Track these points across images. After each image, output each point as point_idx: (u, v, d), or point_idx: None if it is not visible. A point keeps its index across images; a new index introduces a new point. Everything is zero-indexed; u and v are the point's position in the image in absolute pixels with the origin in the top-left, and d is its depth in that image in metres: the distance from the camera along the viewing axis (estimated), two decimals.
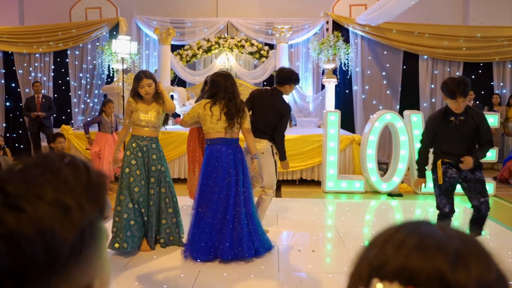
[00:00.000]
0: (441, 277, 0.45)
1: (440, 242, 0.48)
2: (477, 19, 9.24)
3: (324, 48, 8.47)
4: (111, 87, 8.34)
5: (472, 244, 0.49)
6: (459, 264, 0.46)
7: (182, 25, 9.49)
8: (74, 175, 0.52)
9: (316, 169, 6.94)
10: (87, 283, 0.54)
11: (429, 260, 0.47)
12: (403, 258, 0.48)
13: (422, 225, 0.52)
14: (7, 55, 9.46)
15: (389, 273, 0.47)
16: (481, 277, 0.46)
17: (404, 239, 0.50)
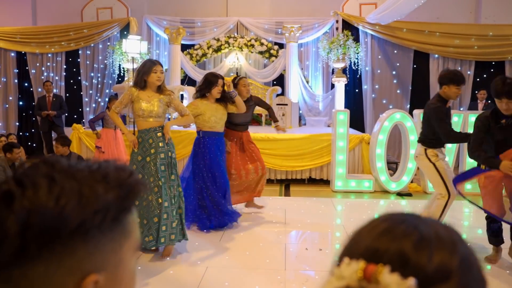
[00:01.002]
0: (403, 257, 0.48)
1: (409, 228, 0.51)
2: (490, 17, 9.14)
3: (333, 47, 8.45)
4: (121, 86, 8.41)
5: (442, 232, 0.52)
6: (422, 248, 0.49)
7: (192, 24, 9.53)
8: (116, 173, 0.59)
9: (325, 168, 6.93)
10: (92, 268, 0.56)
11: (394, 241, 0.50)
12: (371, 240, 0.51)
13: (400, 214, 0.55)
14: (21, 55, 9.60)
15: (358, 252, 0.51)
16: (443, 261, 0.49)
17: (377, 224, 0.53)
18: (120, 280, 0.60)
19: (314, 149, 6.89)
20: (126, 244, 0.60)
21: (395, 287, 0.46)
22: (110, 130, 6.62)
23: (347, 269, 0.50)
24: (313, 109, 9.24)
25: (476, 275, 0.52)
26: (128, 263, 0.61)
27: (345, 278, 0.49)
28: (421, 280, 0.47)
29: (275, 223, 4.88)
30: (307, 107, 9.23)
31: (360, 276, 0.48)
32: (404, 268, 0.48)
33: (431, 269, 0.48)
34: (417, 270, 0.48)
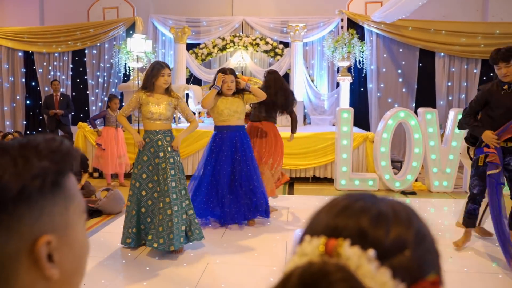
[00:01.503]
0: (362, 232, 0.50)
1: (366, 205, 0.53)
2: (497, 15, 9.06)
3: (338, 46, 8.44)
4: (127, 85, 8.46)
5: (398, 207, 0.54)
6: (379, 223, 0.51)
7: (197, 24, 9.56)
8: (46, 143, 0.62)
9: (329, 167, 6.93)
10: (42, 230, 0.59)
11: (353, 218, 0.52)
12: (331, 217, 0.53)
13: (358, 194, 0.57)
14: (28, 54, 9.70)
15: (318, 229, 0.53)
16: (399, 235, 0.51)
17: (336, 203, 0.55)
18: (72, 242, 0.63)
19: (318, 147, 6.89)
20: (72, 207, 0.63)
21: (356, 259, 0.48)
22: (111, 128, 6.67)
23: (308, 246, 0.51)
24: (318, 108, 9.23)
25: (429, 246, 0.54)
26: (76, 226, 0.64)
27: (308, 255, 0.50)
28: (379, 252, 0.49)
29: (278, 221, 4.89)
30: (312, 106, 9.22)
31: (322, 251, 0.50)
32: (363, 242, 0.50)
33: (389, 241, 0.50)
34: (375, 243, 0.50)
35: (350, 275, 0.46)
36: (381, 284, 0.47)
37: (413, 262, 0.51)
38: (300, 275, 0.47)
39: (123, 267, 3.64)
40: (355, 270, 0.47)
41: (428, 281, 0.51)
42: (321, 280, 0.46)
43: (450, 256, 3.93)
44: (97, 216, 5.05)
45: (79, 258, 0.66)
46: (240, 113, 4.45)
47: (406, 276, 0.49)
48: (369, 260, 0.48)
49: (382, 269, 0.48)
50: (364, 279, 0.47)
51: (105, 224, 4.81)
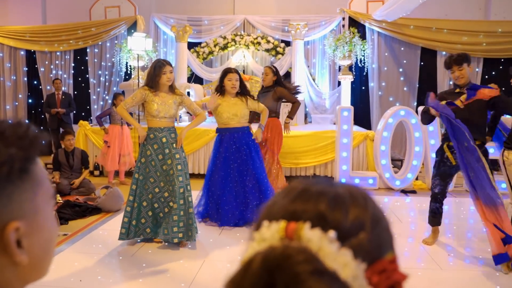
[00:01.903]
0: (321, 214, 0.50)
1: (324, 189, 0.54)
2: (499, 14, 9.02)
3: (339, 45, 8.42)
4: (128, 84, 8.47)
5: (354, 191, 0.55)
6: (337, 206, 0.52)
7: (199, 22, 9.56)
8: (13, 129, 0.62)
9: (329, 165, 6.93)
10: (10, 217, 0.59)
11: (311, 201, 0.52)
12: (289, 201, 0.53)
13: (313, 179, 0.58)
14: (30, 53, 9.73)
15: (276, 214, 0.52)
16: (357, 216, 0.52)
17: (293, 188, 0.55)
18: (41, 227, 0.63)
19: (318, 146, 6.88)
20: (40, 192, 0.63)
21: (317, 241, 0.48)
22: (117, 126, 6.70)
23: (268, 231, 0.50)
24: (319, 106, 9.22)
25: (385, 227, 0.55)
26: (45, 210, 0.64)
27: (267, 240, 0.50)
28: (339, 233, 0.49)
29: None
30: (313, 104, 9.20)
31: (282, 234, 0.49)
32: (323, 224, 0.50)
33: (348, 223, 0.51)
34: (335, 225, 0.50)
35: (312, 257, 0.46)
36: (343, 264, 0.47)
37: (372, 242, 0.51)
38: (262, 260, 0.47)
39: (120, 264, 3.65)
40: (316, 252, 0.47)
41: (386, 259, 0.51)
42: (284, 263, 0.45)
43: (449, 254, 3.92)
44: (96, 214, 5.06)
45: (48, 242, 0.66)
46: (240, 116, 4.44)
47: (365, 256, 0.50)
48: (330, 242, 0.48)
49: (343, 249, 0.48)
50: (326, 260, 0.47)
51: (103, 221, 4.82)
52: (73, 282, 3.24)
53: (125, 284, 3.26)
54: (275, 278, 0.45)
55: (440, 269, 3.57)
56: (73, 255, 3.81)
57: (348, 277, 0.47)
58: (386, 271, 0.50)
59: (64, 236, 4.30)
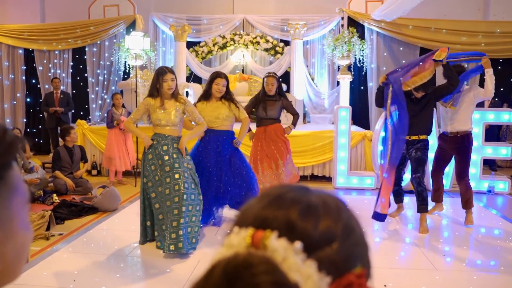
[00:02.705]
0: (290, 223, 0.50)
1: (297, 197, 0.53)
2: (498, 14, 9.00)
3: (338, 44, 8.40)
4: (126, 83, 8.46)
5: (328, 200, 0.54)
6: (309, 215, 0.51)
7: (198, 22, 9.55)
8: None
9: (327, 165, 6.92)
10: None
11: (282, 209, 0.51)
12: (260, 209, 0.52)
13: (289, 185, 0.56)
14: (28, 52, 9.72)
15: (247, 221, 0.52)
16: (328, 227, 0.51)
17: (266, 195, 0.54)
18: (15, 234, 0.62)
19: (316, 146, 6.87)
20: (15, 199, 0.61)
21: (282, 251, 0.47)
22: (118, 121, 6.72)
23: (236, 238, 0.50)
24: (318, 106, 9.21)
25: (357, 240, 0.54)
26: (20, 216, 0.63)
27: (234, 246, 0.49)
28: (307, 244, 0.48)
29: None
30: (312, 104, 9.20)
31: (248, 242, 0.49)
32: (291, 234, 0.49)
33: (317, 234, 0.50)
34: (303, 236, 0.49)
35: (274, 268, 0.45)
36: (306, 276, 0.46)
37: (340, 255, 0.50)
38: (224, 267, 0.46)
39: (116, 264, 3.64)
40: (281, 263, 0.46)
41: (354, 274, 0.50)
42: (244, 272, 0.45)
43: (443, 255, 3.92)
44: (93, 213, 5.06)
45: (22, 247, 0.65)
46: (222, 119, 4.41)
47: (332, 269, 0.49)
48: (296, 253, 0.47)
49: (308, 261, 0.47)
50: (289, 272, 0.46)
51: (100, 221, 4.81)
52: (68, 282, 3.23)
53: (120, 284, 3.25)
54: (234, 287, 0.44)
55: (435, 270, 3.56)
56: (68, 254, 3.80)
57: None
58: (352, 285, 0.49)
59: (60, 235, 4.29)
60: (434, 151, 5.12)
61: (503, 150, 6.19)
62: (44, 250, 3.90)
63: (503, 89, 8.65)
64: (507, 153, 6.15)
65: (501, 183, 6.21)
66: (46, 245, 4.03)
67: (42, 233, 4.17)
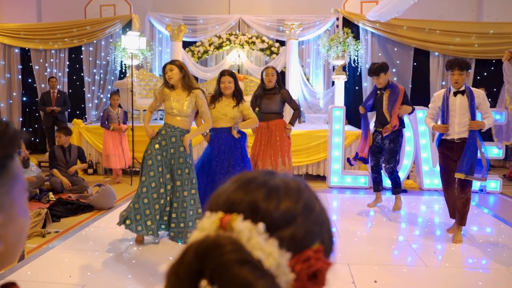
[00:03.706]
0: (254, 206, 0.56)
1: (262, 181, 0.59)
2: (492, 16, 9.10)
3: (333, 45, 8.47)
4: (122, 82, 8.50)
5: (290, 182, 0.60)
6: (271, 197, 0.56)
7: (194, 21, 9.60)
8: None
9: (322, 164, 6.98)
10: None
11: (248, 193, 0.57)
12: (229, 194, 0.58)
13: (262, 171, 0.62)
14: (24, 51, 9.73)
15: (217, 206, 0.58)
16: (288, 208, 0.57)
17: (238, 179, 0.60)
18: (16, 218, 0.68)
19: (311, 145, 6.93)
20: (16, 186, 0.67)
21: (247, 232, 0.52)
22: (115, 125, 6.75)
23: (207, 221, 0.56)
24: (313, 106, 9.27)
25: (317, 218, 0.59)
26: (20, 202, 0.68)
27: (206, 229, 0.55)
28: (269, 224, 0.54)
29: None
30: (307, 104, 9.26)
31: (217, 225, 0.54)
32: (255, 216, 0.55)
33: (278, 215, 0.55)
34: (266, 217, 0.55)
35: (239, 247, 0.51)
36: (268, 254, 0.52)
37: (299, 233, 0.56)
38: (195, 248, 0.51)
39: (111, 261, 3.69)
40: (246, 242, 0.52)
41: (312, 249, 0.55)
42: (213, 252, 0.50)
43: (434, 252, 3.98)
44: (88, 211, 5.10)
45: (21, 231, 0.71)
46: (230, 117, 4.39)
47: (292, 245, 0.54)
48: (259, 233, 0.53)
49: (270, 240, 0.53)
50: (253, 250, 0.51)
51: (95, 219, 4.85)
52: (64, 279, 3.28)
53: (115, 280, 3.30)
54: (205, 266, 0.49)
55: (425, 267, 3.63)
56: (64, 252, 3.85)
57: (272, 266, 0.52)
58: (310, 260, 0.54)
59: (56, 233, 4.33)
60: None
61: (494, 150, 6.27)
62: (40, 247, 3.94)
63: (496, 89, 8.73)
64: (498, 152, 6.24)
65: (493, 182, 6.29)
66: (42, 242, 4.07)
67: (38, 231, 4.21)
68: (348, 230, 4.61)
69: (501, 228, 4.80)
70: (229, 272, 0.48)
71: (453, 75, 4.14)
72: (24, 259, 3.59)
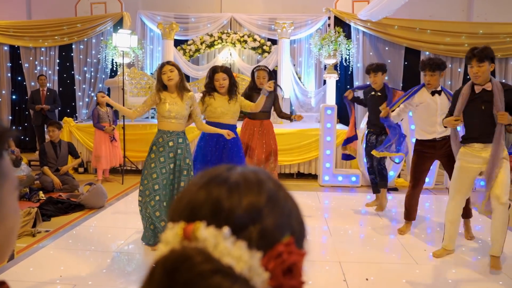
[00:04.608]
0: (215, 209, 0.52)
1: (222, 178, 0.55)
2: (481, 16, 9.18)
3: (325, 44, 8.49)
4: (113, 80, 8.45)
5: (250, 176, 0.56)
6: (233, 193, 0.53)
7: (186, 20, 9.57)
8: None
9: (313, 163, 7.00)
10: None
11: (210, 193, 0.54)
12: (191, 195, 0.55)
13: (219, 167, 0.59)
14: (14, 49, 9.64)
15: (178, 214, 0.54)
16: (251, 201, 0.53)
17: (199, 179, 0.57)
18: (5, 217, 0.66)
19: (302, 144, 6.95)
20: (5, 185, 0.65)
21: (213, 239, 0.50)
22: (106, 124, 6.72)
23: (170, 233, 0.52)
24: (305, 105, 9.29)
25: (283, 209, 0.56)
26: (9, 201, 0.67)
27: (170, 242, 0.52)
28: (234, 226, 0.51)
29: None
30: (299, 103, 9.27)
31: (181, 236, 0.51)
32: (218, 219, 0.51)
33: (242, 214, 0.52)
34: (229, 218, 0.51)
35: (208, 256, 0.48)
36: (237, 257, 0.49)
37: (268, 228, 0.52)
38: (163, 264, 0.49)
39: (102, 260, 3.67)
40: (213, 250, 0.49)
41: (283, 243, 0.52)
42: (182, 265, 0.47)
43: (424, 249, 4.02)
44: (79, 211, 5.06)
45: (11, 230, 0.69)
46: (232, 112, 4.36)
47: (261, 243, 0.51)
48: (225, 238, 0.50)
49: (238, 243, 0.50)
50: (222, 257, 0.49)
51: (86, 218, 4.82)
52: (54, 278, 3.26)
53: (106, 280, 3.28)
54: (175, 281, 0.47)
55: (416, 264, 3.66)
56: (55, 251, 3.82)
57: (243, 269, 0.49)
58: (281, 254, 0.51)
59: (46, 232, 4.30)
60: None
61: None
62: (30, 247, 3.91)
63: None
64: None
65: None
66: (32, 242, 4.04)
67: (28, 230, 4.17)
68: (340, 228, 4.64)
69: (489, 224, 4.85)
70: (202, 284, 0.46)
71: (425, 75, 4.15)
72: (14, 258, 3.56)
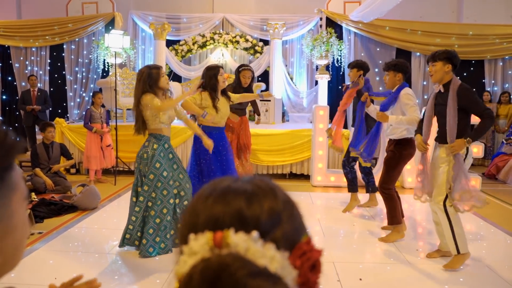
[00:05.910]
0: (240, 217, 0.55)
1: (236, 189, 0.58)
2: (471, 17, 9.29)
3: (317, 44, 8.53)
4: (105, 81, 8.42)
5: (261, 184, 0.59)
6: (252, 201, 0.56)
7: (178, 20, 9.56)
8: None
9: (305, 164, 7.03)
10: None
11: (228, 206, 0.56)
12: (208, 211, 0.56)
13: (224, 180, 0.61)
14: (4, 48, 9.56)
15: (199, 225, 0.56)
16: (271, 207, 0.56)
17: (209, 193, 0.58)
18: (14, 229, 0.67)
19: (294, 144, 6.98)
20: (15, 197, 0.66)
21: (244, 244, 0.51)
22: (97, 125, 6.68)
23: (196, 244, 0.53)
24: (297, 105, 9.33)
25: (296, 211, 0.60)
26: (19, 212, 0.67)
27: (198, 252, 0.52)
28: (260, 230, 0.54)
29: None
30: (291, 103, 9.31)
31: (212, 245, 0.52)
32: (245, 225, 0.54)
33: (266, 218, 0.55)
34: (255, 224, 0.54)
35: (246, 261, 0.50)
36: (271, 258, 0.51)
37: (289, 229, 0.56)
38: (201, 273, 0.49)
39: (96, 261, 3.67)
40: (245, 254, 0.51)
41: (304, 242, 0.56)
42: (223, 273, 0.48)
43: (417, 249, 4.07)
44: (72, 212, 5.05)
45: (20, 241, 0.70)
46: (227, 115, 4.38)
47: (286, 244, 0.55)
48: (255, 241, 0.52)
49: (267, 245, 0.52)
50: (256, 259, 0.51)
51: (79, 219, 4.81)
52: (48, 280, 3.24)
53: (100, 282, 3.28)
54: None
55: (408, 264, 3.70)
56: (48, 253, 3.81)
57: (277, 269, 0.51)
58: (306, 252, 0.55)
59: (39, 234, 4.29)
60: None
61: (474, 148, 6.40)
62: None
63: (475, 89, 8.90)
64: (478, 151, 6.37)
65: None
66: None
67: None
68: (333, 228, 4.67)
69: (480, 225, 4.92)
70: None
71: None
72: None
